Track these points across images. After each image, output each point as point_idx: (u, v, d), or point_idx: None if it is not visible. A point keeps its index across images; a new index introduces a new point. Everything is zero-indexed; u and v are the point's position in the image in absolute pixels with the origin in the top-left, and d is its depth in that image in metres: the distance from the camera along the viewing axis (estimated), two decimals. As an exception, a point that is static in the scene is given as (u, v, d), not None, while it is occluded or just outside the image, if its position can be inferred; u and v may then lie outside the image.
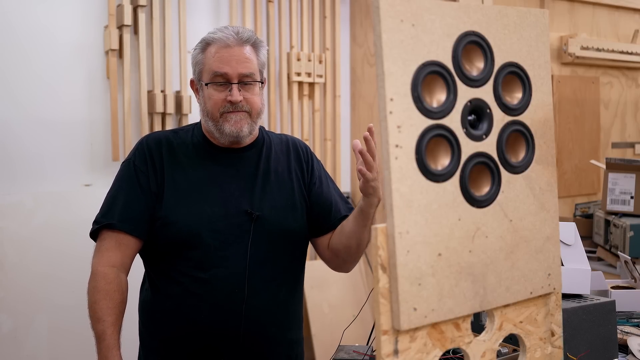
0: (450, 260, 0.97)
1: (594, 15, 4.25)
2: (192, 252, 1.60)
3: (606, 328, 1.46)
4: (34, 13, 2.62)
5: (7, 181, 2.58)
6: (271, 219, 1.64)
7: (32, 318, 2.57)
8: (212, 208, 1.62)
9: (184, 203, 1.62)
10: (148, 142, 1.68)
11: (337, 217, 1.74)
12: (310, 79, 3.27)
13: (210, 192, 1.63)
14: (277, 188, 1.69)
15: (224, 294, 1.59)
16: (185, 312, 1.61)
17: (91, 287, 1.57)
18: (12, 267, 2.54)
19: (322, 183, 1.77)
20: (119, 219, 1.60)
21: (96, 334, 1.53)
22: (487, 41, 1.02)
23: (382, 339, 0.91)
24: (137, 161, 1.65)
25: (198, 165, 1.66)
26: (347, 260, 1.73)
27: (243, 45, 1.62)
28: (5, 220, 2.54)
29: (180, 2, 2.90)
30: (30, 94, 2.63)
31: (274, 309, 1.65)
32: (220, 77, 1.60)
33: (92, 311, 1.55)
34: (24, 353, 2.53)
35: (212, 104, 1.62)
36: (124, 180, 1.65)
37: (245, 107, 1.62)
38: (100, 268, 1.58)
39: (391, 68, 0.91)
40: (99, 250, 1.61)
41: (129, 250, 1.61)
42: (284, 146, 1.77)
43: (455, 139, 0.98)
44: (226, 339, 1.60)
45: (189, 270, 1.60)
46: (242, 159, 1.69)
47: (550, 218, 1.10)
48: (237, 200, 1.63)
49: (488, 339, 1.04)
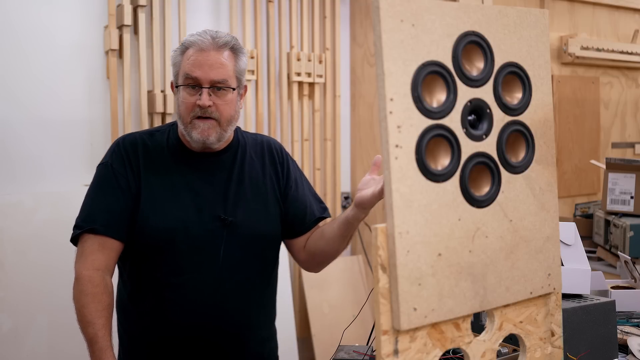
0: (450, 260, 0.97)
1: (594, 15, 4.25)
2: (166, 258, 1.60)
3: (606, 328, 1.46)
4: (34, 13, 2.63)
5: (7, 181, 2.59)
6: (244, 224, 1.65)
7: (32, 318, 2.56)
8: (187, 214, 1.62)
9: (159, 208, 1.61)
10: (125, 144, 1.66)
11: (311, 219, 1.77)
12: (310, 79, 3.27)
13: (185, 197, 1.63)
14: (251, 193, 1.69)
15: (197, 299, 1.60)
16: (159, 316, 1.62)
17: (77, 291, 1.55)
18: (12, 267, 2.53)
19: (297, 186, 1.78)
20: (101, 222, 1.58)
21: (87, 338, 1.52)
22: (487, 41, 1.02)
23: (382, 339, 0.91)
24: (115, 164, 1.64)
25: (173, 169, 1.65)
26: (322, 263, 1.78)
27: (219, 50, 1.60)
28: (5, 220, 2.54)
29: (180, 2, 2.90)
30: (30, 94, 2.63)
31: (247, 311, 1.67)
32: (191, 80, 1.59)
33: (80, 315, 1.53)
34: (24, 353, 2.53)
35: (183, 107, 1.61)
36: (103, 183, 1.63)
37: (214, 113, 1.60)
38: (85, 272, 1.56)
39: (391, 68, 0.91)
40: (82, 255, 1.59)
41: (113, 252, 1.60)
42: (258, 148, 1.77)
43: (455, 139, 0.98)
44: (199, 342, 1.61)
45: (163, 276, 1.61)
46: (216, 164, 1.68)
47: (550, 218, 1.10)
48: (211, 206, 1.63)
49: (488, 339, 1.04)
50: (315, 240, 1.74)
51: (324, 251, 1.72)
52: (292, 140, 3.26)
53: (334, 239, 1.67)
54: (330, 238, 1.68)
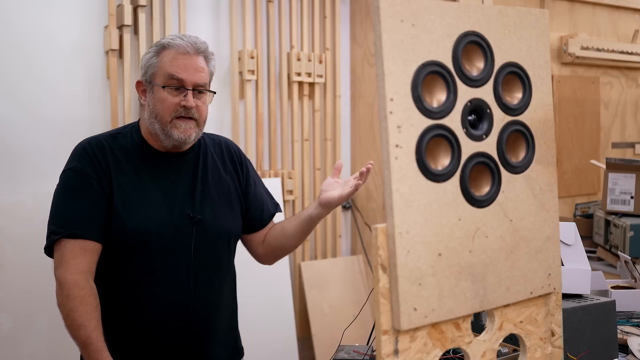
0: (450, 260, 0.97)
1: (594, 15, 4.25)
2: (140, 258, 1.63)
3: (606, 328, 1.46)
4: (34, 13, 2.63)
5: (8, 181, 2.59)
6: (211, 221, 1.71)
7: (32, 318, 2.56)
8: (158, 214, 1.65)
9: (132, 209, 1.63)
10: (91, 147, 1.66)
11: (268, 215, 1.89)
12: (310, 79, 3.27)
13: (155, 197, 1.66)
14: (215, 191, 1.75)
15: (170, 296, 1.65)
16: (137, 314, 1.63)
17: (63, 296, 1.55)
18: (12, 267, 2.53)
19: (255, 185, 1.88)
20: (80, 226, 1.58)
21: (80, 342, 1.52)
22: (487, 41, 1.02)
23: (382, 339, 0.91)
24: (85, 167, 1.63)
25: (141, 170, 1.67)
26: (279, 256, 1.91)
27: (199, 55, 1.67)
28: (5, 220, 2.54)
29: (180, 2, 2.90)
30: (31, 93, 2.63)
31: (217, 302, 1.74)
32: (176, 81, 1.63)
33: (70, 320, 1.53)
34: (24, 353, 2.53)
35: (165, 106, 1.63)
36: (76, 188, 1.62)
37: (195, 114, 1.66)
38: (69, 276, 1.55)
39: (391, 68, 0.91)
40: (63, 260, 1.58)
41: (94, 255, 1.60)
42: (217, 148, 1.83)
43: (455, 139, 0.98)
44: (174, 336, 1.66)
45: (136, 275, 1.63)
46: (181, 163, 1.73)
47: (550, 218, 1.10)
48: (180, 205, 1.68)
49: (488, 339, 1.04)
50: (275, 236, 1.86)
51: (284, 246, 1.85)
52: (292, 140, 3.26)
53: (295, 235, 1.81)
54: (291, 234, 1.81)
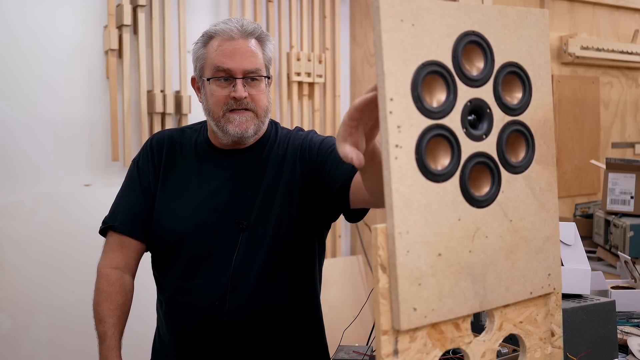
0: (450, 260, 0.97)
1: (594, 15, 4.25)
2: (177, 260, 1.57)
3: (606, 328, 1.46)
4: (33, 13, 2.62)
5: (7, 181, 2.58)
6: (261, 229, 1.52)
7: (32, 318, 2.56)
8: (199, 215, 1.54)
9: (172, 208, 1.58)
10: (152, 142, 1.66)
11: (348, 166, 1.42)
12: (310, 79, 3.27)
13: (201, 198, 1.55)
14: (272, 196, 1.54)
15: (204, 306, 1.53)
16: (171, 319, 1.61)
17: (95, 288, 1.58)
18: (12, 267, 2.53)
19: (330, 153, 1.50)
20: (120, 221, 1.59)
21: (98, 335, 1.53)
22: (487, 41, 1.02)
23: (382, 339, 0.91)
24: (141, 162, 1.64)
25: (194, 168, 1.60)
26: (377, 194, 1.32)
27: (247, 39, 1.50)
28: (5, 220, 2.54)
29: (180, 2, 2.90)
30: (30, 94, 2.63)
31: (257, 320, 1.54)
32: (223, 72, 1.49)
33: (95, 312, 1.55)
34: (24, 353, 2.53)
35: (214, 101, 1.51)
36: (129, 181, 1.65)
37: (250, 105, 1.50)
38: (103, 270, 1.58)
39: (391, 68, 0.91)
40: (104, 252, 1.62)
41: (132, 252, 1.60)
42: (284, 143, 1.60)
43: (455, 139, 0.98)
44: (207, 347, 1.56)
45: (174, 279, 1.59)
46: (240, 163, 1.57)
47: (550, 218, 1.10)
48: (227, 208, 1.53)
49: (488, 339, 1.04)
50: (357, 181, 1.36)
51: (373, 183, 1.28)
52: (292, 140, 3.26)
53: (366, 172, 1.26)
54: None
